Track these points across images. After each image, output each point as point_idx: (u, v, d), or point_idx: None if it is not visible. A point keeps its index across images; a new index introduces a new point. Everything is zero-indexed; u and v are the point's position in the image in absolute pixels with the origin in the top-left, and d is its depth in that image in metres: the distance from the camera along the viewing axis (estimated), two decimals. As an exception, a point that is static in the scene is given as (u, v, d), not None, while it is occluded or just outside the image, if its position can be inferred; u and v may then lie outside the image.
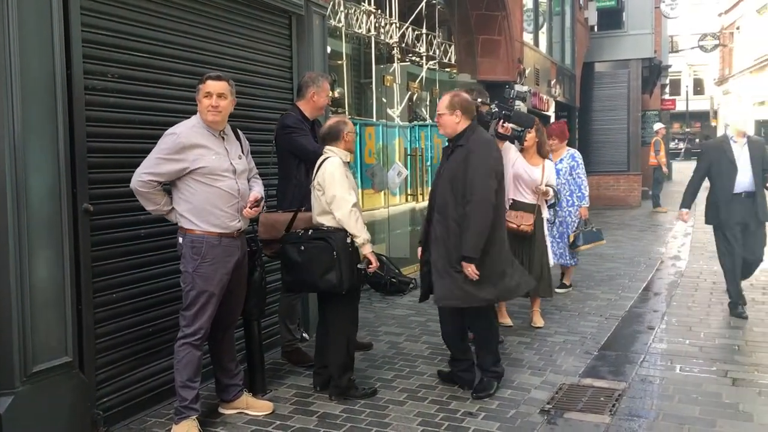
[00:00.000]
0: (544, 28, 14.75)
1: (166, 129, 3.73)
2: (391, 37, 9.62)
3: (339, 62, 9.15)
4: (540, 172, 5.72)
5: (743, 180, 6.11)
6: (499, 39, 11.46)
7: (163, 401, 4.19)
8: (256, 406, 4.11)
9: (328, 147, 4.31)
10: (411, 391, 4.47)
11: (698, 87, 48.20)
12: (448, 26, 11.82)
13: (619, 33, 18.08)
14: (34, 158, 3.35)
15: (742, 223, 6.18)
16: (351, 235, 4.13)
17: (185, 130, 3.69)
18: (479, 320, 4.41)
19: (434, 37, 11.01)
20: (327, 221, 4.21)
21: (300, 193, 4.63)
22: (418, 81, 10.79)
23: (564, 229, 7.17)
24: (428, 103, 11.64)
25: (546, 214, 5.95)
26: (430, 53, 10.90)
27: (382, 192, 8.88)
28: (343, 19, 8.44)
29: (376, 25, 9.23)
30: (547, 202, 5.92)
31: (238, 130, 4.06)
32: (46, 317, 3.43)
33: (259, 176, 4.14)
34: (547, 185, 5.75)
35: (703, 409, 4.16)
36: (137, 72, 4.05)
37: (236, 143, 3.94)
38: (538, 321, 6.01)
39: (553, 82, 14.70)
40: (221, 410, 4.11)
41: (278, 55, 5.43)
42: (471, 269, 4.09)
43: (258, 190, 4.00)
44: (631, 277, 8.33)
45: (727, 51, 35.28)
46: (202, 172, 3.67)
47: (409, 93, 10.60)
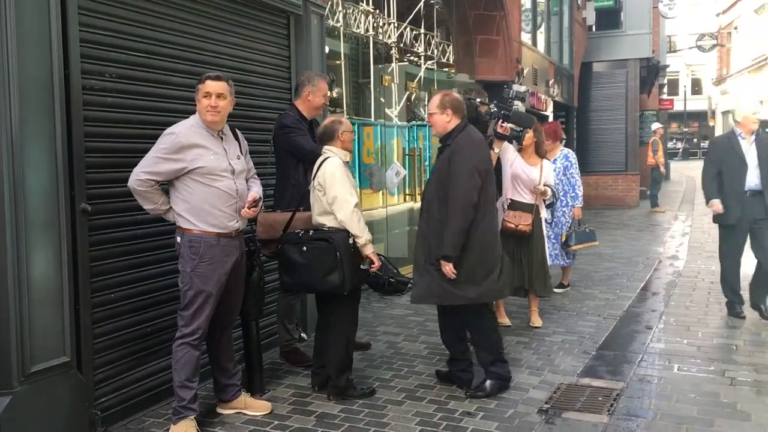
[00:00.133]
0: (542, 28, 14.74)
1: (165, 129, 3.73)
2: (389, 37, 9.61)
3: (337, 62, 9.12)
4: (538, 172, 5.72)
5: (751, 178, 5.99)
6: (498, 39, 11.45)
7: (161, 401, 4.19)
8: (255, 406, 4.11)
9: (326, 147, 4.30)
10: (409, 390, 4.47)
11: (696, 87, 48.19)
12: (446, 26, 11.80)
13: (617, 33, 18.09)
14: (32, 158, 3.34)
15: (753, 222, 6.02)
16: (352, 236, 4.13)
17: (184, 130, 3.69)
18: (476, 319, 4.41)
19: (432, 37, 10.99)
20: (328, 221, 4.20)
21: (298, 193, 4.63)
22: (416, 81, 10.77)
23: (559, 230, 7.17)
24: (426, 103, 11.61)
25: (544, 214, 5.95)
26: (429, 53, 10.88)
27: (381, 192, 8.87)
28: (341, 19, 8.43)
29: (375, 24, 9.21)
30: (545, 202, 5.93)
31: (237, 130, 4.06)
32: (44, 317, 3.42)
33: (257, 176, 4.14)
34: (545, 185, 5.75)
35: (701, 408, 4.16)
36: (135, 72, 4.04)
37: (235, 143, 3.94)
38: (537, 321, 6.01)
39: (551, 82, 14.70)
40: (219, 410, 4.10)
41: (276, 55, 5.42)
42: (449, 268, 4.09)
43: (256, 190, 3.99)
44: (629, 276, 8.33)
45: (725, 51, 35.33)
46: (201, 172, 3.67)
47: (408, 93, 10.58)
